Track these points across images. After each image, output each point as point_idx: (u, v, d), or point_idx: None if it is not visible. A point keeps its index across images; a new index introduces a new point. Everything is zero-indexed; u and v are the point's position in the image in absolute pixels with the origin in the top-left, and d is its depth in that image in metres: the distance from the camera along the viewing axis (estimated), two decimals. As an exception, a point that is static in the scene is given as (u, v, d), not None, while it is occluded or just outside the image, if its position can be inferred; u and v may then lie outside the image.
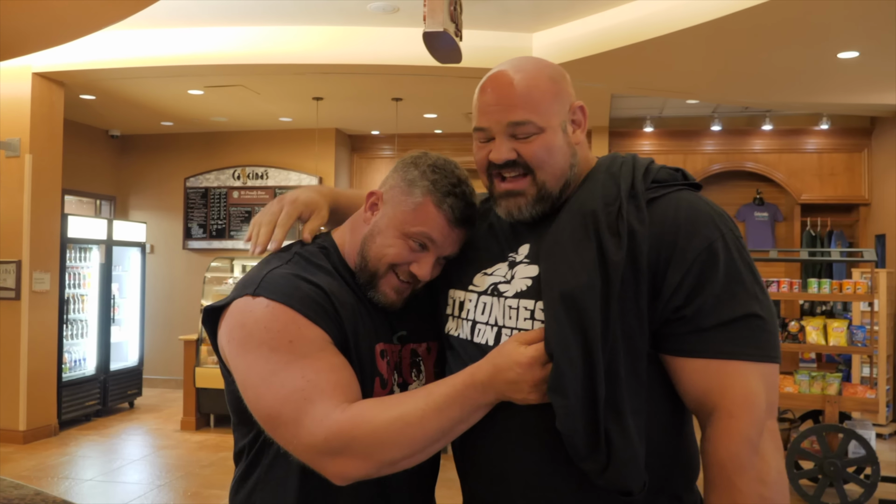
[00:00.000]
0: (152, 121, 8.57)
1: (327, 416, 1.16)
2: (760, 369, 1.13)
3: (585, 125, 1.30)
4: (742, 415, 1.11)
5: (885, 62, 5.85)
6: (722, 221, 1.18)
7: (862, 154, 8.53)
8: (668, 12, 5.14)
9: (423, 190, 1.34)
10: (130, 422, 7.33)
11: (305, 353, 1.22)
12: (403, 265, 1.34)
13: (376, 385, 1.32)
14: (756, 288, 1.15)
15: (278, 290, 1.26)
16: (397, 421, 1.16)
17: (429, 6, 4.57)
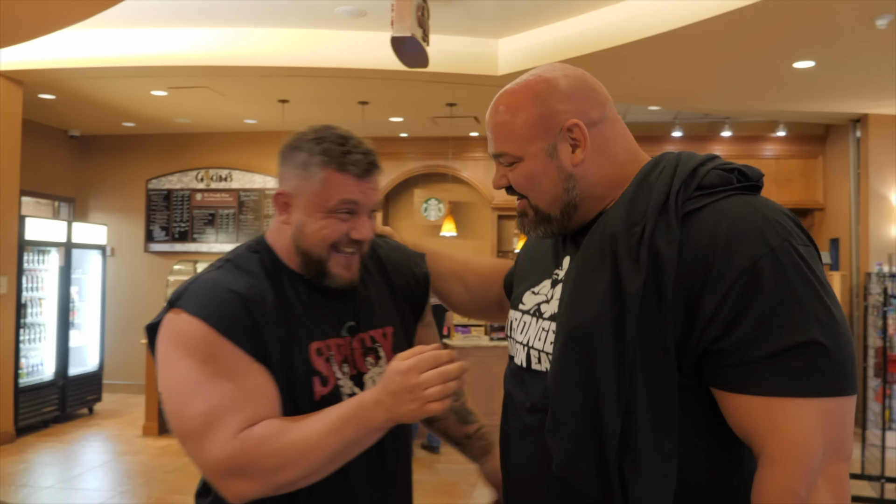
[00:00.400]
0: (113, 121, 8.45)
1: (228, 440, 1.19)
2: (816, 406, 0.97)
3: (587, 142, 1.18)
4: (787, 462, 0.97)
5: (839, 72, 6.03)
6: (774, 232, 1.02)
7: (817, 160, 8.76)
8: (630, 21, 5.25)
9: (319, 165, 1.33)
10: (90, 428, 7.21)
11: (217, 371, 1.24)
12: (342, 239, 1.35)
13: (316, 383, 1.33)
14: (817, 309, 0.98)
15: (198, 304, 1.27)
16: (297, 443, 1.19)
17: (397, 11, 4.60)
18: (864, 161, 7.63)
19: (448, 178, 9.36)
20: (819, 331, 0.97)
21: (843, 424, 0.99)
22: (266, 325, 1.30)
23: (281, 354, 1.30)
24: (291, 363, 1.31)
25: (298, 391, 1.31)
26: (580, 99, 1.19)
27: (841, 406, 0.98)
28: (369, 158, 1.36)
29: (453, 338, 7.05)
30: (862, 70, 5.97)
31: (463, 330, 7.17)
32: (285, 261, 1.41)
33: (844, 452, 1.00)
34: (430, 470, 5.79)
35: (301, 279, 1.40)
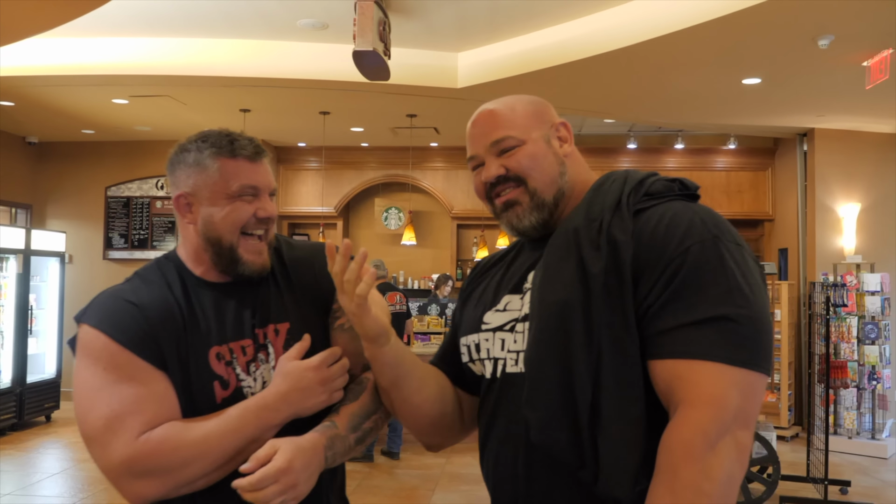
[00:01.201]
0: (73, 128, 8.41)
1: (129, 442, 1.25)
2: (732, 374, 1.07)
3: (572, 140, 1.36)
4: (703, 408, 1.06)
5: (785, 88, 6.29)
6: (707, 227, 1.16)
7: (766, 173, 9.06)
8: (586, 38, 5.43)
9: (210, 157, 1.40)
10: (48, 435, 7.16)
11: (118, 378, 1.29)
12: (249, 221, 1.40)
13: (216, 387, 1.36)
14: (734, 292, 1.10)
15: (98, 317, 1.35)
16: (197, 442, 1.27)
17: (358, 26, 4.72)
18: (811, 174, 7.93)
19: (408, 188, 9.47)
20: (733, 310, 1.09)
21: (751, 396, 1.09)
22: (163, 332, 1.35)
23: (179, 361, 1.35)
24: (189, 369, 1.36)
25: (199, 395, 1.35)
26: (553, 112, 1.38)
27: (750, 379, 1.08)
28: (254, 144, 1.44)
29: (413, 346, 7.16)
30: (806, 87, 6.24)
31: (423, 338, 7.28)
32: (192, 268, 1.45)
33: (750, 423, 1.09)
34: (390, 476, 5.88)
35: (206, 285, 1.44)
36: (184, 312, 1.39)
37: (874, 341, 6.96)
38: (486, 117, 1.35)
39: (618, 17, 5.25)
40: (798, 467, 6.16)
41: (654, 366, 1.12)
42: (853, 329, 6.99)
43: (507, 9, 5.29)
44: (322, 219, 9.24)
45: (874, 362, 6.93)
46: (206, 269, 1.45)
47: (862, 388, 6.98)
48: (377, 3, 4.78)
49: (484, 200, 1.38)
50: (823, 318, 5.71)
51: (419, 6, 5.22)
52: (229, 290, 1.45)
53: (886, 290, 7.05)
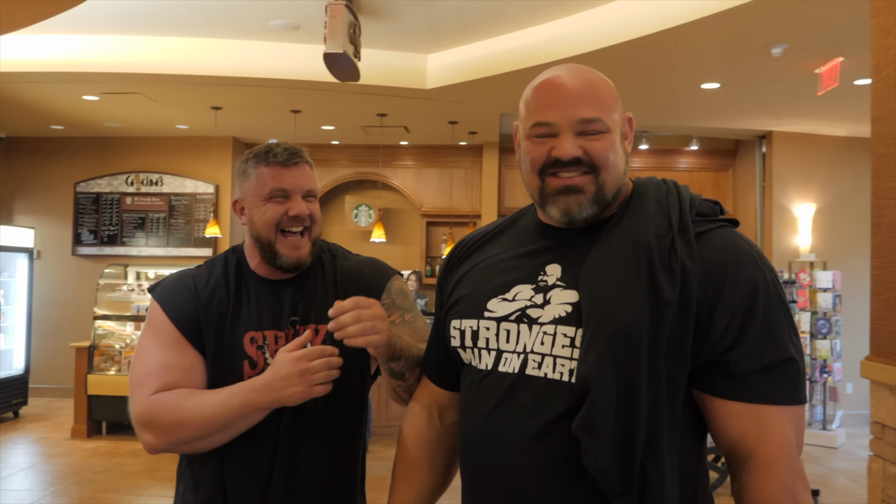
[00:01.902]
0: (42, 124, 8.40)
1: (145, 397, 1.51)
2: (793, 412, 1.13)
3: (632, 139, 1.30)
4: (779, 464, 1.10)
5: (743, 93, 6.53)
6: (763, 263, 1.17)
7: (727, 173, 9.33)
8: (550, 42, 5.60)
9: (252, 167, 1.63)
10: (16, 431, 7.17)
11: (160, 345, 1.57)
12: (282, 219, 1.60)
13: (245, 365, 1.58)
14: (791, 331, 1.15)
15: (161, 293, 1.65)
16: (191, 409, 1.48)
17: (329, 29, 4.84)
18: (769, 175, 8.20)
19: (378, 185, 9.59)
20: (793, 349, 1.13)
21: (804, 427, 1.17)
22: (207, 315, 1.60)
23: (216, 338, 1.59)
24: (224, 347, 1.59)
25: (230, 369, 1.57)
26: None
27: (803, 412, 1.16)
28: (290, 151, 1.63)
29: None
30: (763, 92, 6.48)
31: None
32: (249, 262, 1.69)
33: (801, 450, 1.17)
34: (359, 467, 6.02)
35: (257, 278, 1.67)
36: (231, 298, 1.64)
37: (826, 336, 7.24)
38: (575, 84, 1.23)
39: (581, 23, 5.43)
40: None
41: (722, 406, 1.14)
42: (803, 324, 7.26)
43: (475, 13, 5.44)
44: (292, 216, 9.34)
45: (825, 356, 7.21)
46: (258, 264, 1.68)
47: (814, 380, 7.26)
48: (348, 7, 4.90)
49: (532, 174, 1.27)
50: (776, 314, 5.95)
51: (389, 9, 5.35)
52: (276, 286, 1.66)
53: (838, 287, 7.33)
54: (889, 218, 3.06)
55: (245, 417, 1.48)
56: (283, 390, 1.44)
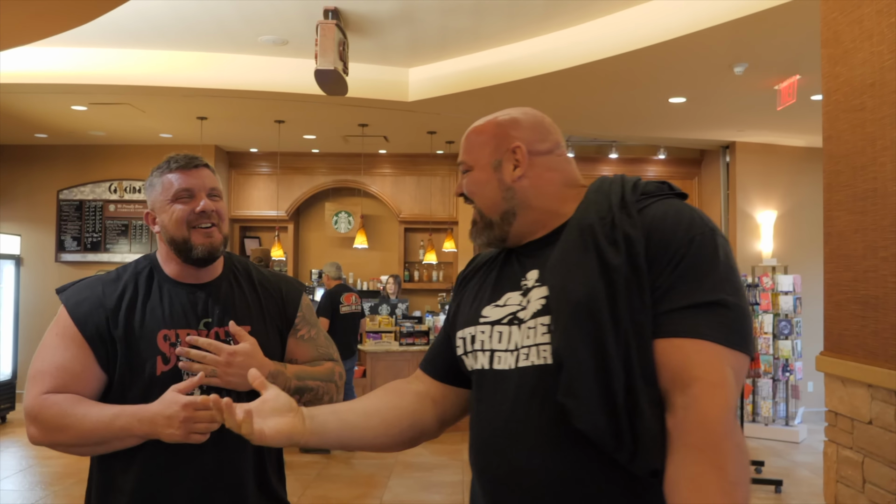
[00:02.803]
0: (25, 132, 8.52)
1: (36, 395, 1.64)
2: (728, 355, 1.17)
3: (525, 162, 1.39)
4: (723, 386, 1.14)
5: (708, 107, 6.90)
6: (705, 222, 1.26)
7: (693, 181, 9.73)
8: (527, 59, 5.91)
9: (157, 177, 1.78)
10: (6, 435, 7.30)
11: (60, 345, 1.68)
12: (190, 216, 1.72)
13: (159, 361, 1.68)
14: (728, 281, 1.20)
15: (69, 296, 1.74)
16: (75, 417, 1.60)
17: (320, 46, 5.10)
18: (733, 183, 8.60)
19: (358, 193, 9.84)
20: (729, 297, 1.19)
21: (741, 376, 1.19)
22: (115, 316, 1.70)
23: (126, 337, 1.69)
24: (139, 345, 1.69)
25: (144, 365, 1.68)
26: (531, 131, 1.42)
27: (741, 361, 1.18)
28: (189, 157, 1.78)
29: (365, 343, 7.54)
30: (726, 106, 6.86)
31: (374, 336, 7.66)
32: (163, 267, 1.80)
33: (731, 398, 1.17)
34: (347, 465, 6.26)
35: (171, 282, 1.79)
36: (140, 300, 1.74)
37: (787, 337, 7.64)
38: (465, 137, 1.48)
39: (556, 42, 5.74)
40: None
41: (661, 343, 1.19)
42: (766, 325, 7.66)
43: (455, 30, 5.73)
44: (274, 222, 9.55)
45: (787, 356, 7.61)
46: (173, 267, 1.80)
47: (777, 379, 7.65)
48: (338, 26, 5.16)
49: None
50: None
51: (374, 26, 5.61)
52: (190, 288, 1.81)
53: (798, 290, 7.74)
54: (839, 228, 3.41)
55: (122, 440, 1.62)
56: (163, 429, 1.57)
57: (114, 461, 1.68)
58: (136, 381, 1.69)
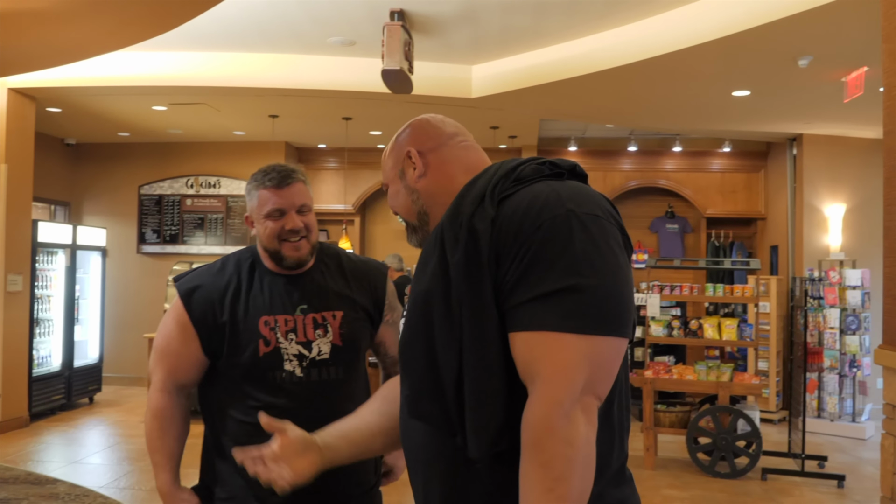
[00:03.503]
0: (110, 131, 9.01)
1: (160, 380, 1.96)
2: (578, 342, 1.12)
3: (419, 165, 1.45)
4: (556, 380, 1.11)
5: (772, 100, 6.86)
6: (562, 202, 1.20)
7: (759, 174, 9.64)
8: (588, 55, 6.00)
9: (254, 189, 1.97)
10: (94, 415, 7.79)
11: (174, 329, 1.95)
12: (281, 231, 1.92)
13: (261, 344, 1.91)
14: (583, 263, 1.15)
15: (183, 285, 1.97)
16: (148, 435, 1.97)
17: (387, 47, 5.30)
18: (800, 176, 8.50)
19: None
20: (578, 280, 1.13)
21: (601, 361, 1.14)
22: (222, 304, 1.94)
23: (231, 323, 1.92)
24: (242, 330, 1.92)
25: (247, 348, 1.90)
26: (419, 133, 1.49)
27: (598, 346, 1.13)
28: (283, 173, 1.95)
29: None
30: (791, 99, 6.81)
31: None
32: (263, 260, 2.01)
33: (600, 387, 1.15)
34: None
35: (269, 272, 1.99)
36: (243, 289, 1.97)
37: (855, 332, 7.55)
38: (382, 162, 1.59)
39: (618, 38, 5.82)
40: (784, 446, 6.75)
41: (511, 339, 1.18)
42: (830, 320, 7.58)
43: (517, 28, 5.86)
44: (342, 216, 9.85)
45: (855, 351, 7.52)
46: (270, 263, 2.02)
47: (843, 374, 7.57)
48: (403, 27, 5.36)
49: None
50: (803, 310, 6.30)
51: (438, 26, 5.79)
52: (287, 279, 2.02)
53: (867, 285, 7.63)
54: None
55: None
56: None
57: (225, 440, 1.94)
58: (239, 363, 1.92)
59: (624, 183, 9.78)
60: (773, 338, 8.12)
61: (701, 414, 5.93)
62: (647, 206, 9.98)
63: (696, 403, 6.56)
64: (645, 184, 9.80)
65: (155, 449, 1.95)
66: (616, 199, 9.83)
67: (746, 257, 9.56)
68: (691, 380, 6.14)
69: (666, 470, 6.06)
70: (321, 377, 1.96)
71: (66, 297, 7.93)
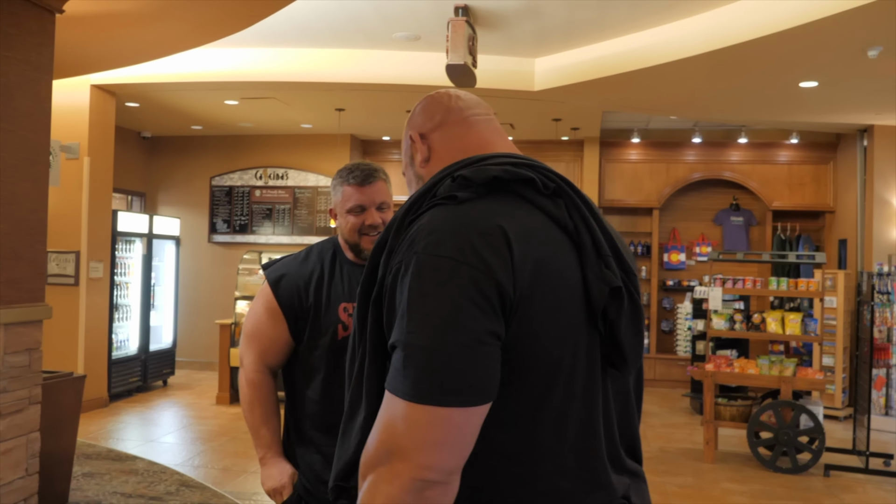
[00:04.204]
0: (183, 124, 9.38)
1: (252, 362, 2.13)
2: (397, 405, 1.01)
3: (422, 150, 1.34)
4: (374, 434, 1.03)
5: (841, 91, 6.74)
6: (414, 244, 1.07)
7: (828, 166, 9.43)
8: (652, 47, 6.00)
9: (339, 184, 2.12)
10: (168, 397, 8.17)
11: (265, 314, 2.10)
12: (361, 226, 2.07)
13: (339, 328, 2.04)
14: (406, 318, 1.03)
15: (271, 273, 2.14)
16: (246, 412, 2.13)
17: (451, 41, 5.42)
18: (870, 168, 8.31)
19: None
20: (402, 337, 1.02)
21: (415, 429, 0.99)
22: (307, 291, 2.09)
23: (314, 308, 2.07)
24: (324, 314, 2.06)
25: (328, 331, 2.05)
26: (420, 116, 1.37)
27: (413, 413, 0.99)
28: (366, 172, 2.09)
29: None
30: (861, 90, 6.67)
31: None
32: (343, 251, 2.17)
33: (413, 454, 0.99)
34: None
35: (348, 262, 2.14)
36: (326, 277, 2.12)
37: (926, 328, 7.36)
38: None
39: (681, 30, 5.81)
40: (848, 443, 6.66)
41: None
42: (900, 315, 7.41)
43: (580, 21, 5.90)
44: (404, 207, 10.03)
45: (925, 348, 7.34)
46: (350, 254, 2.16)
47: (913, 371, 7.40)
48: (468, 22, 5.47)
49: None
50: (870, 305, 6.19)
51: (501, 19, 5.88)
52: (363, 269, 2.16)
53: (940, 279, 7.43)
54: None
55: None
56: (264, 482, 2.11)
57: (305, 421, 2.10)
58: (320, 345, 2.08)
59: (688, 175, 9.69)
60: (840, 333, 7.97)
61: (763, 408, 5.90)
62: (711, 199, 9.87)
63: (757, 398, 6.52)
64: (709, 176, 9.69)
65: (260, 422, 2.09)
66: (680, 191, 9.76)
67: (813, 251, 9.39)
68: (753, 374, 6.11)
69: (725, 464, 6.06)
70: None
71: (143, 283, 8.30)
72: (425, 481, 0.99)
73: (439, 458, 0.99)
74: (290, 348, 2.12)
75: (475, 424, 1.02)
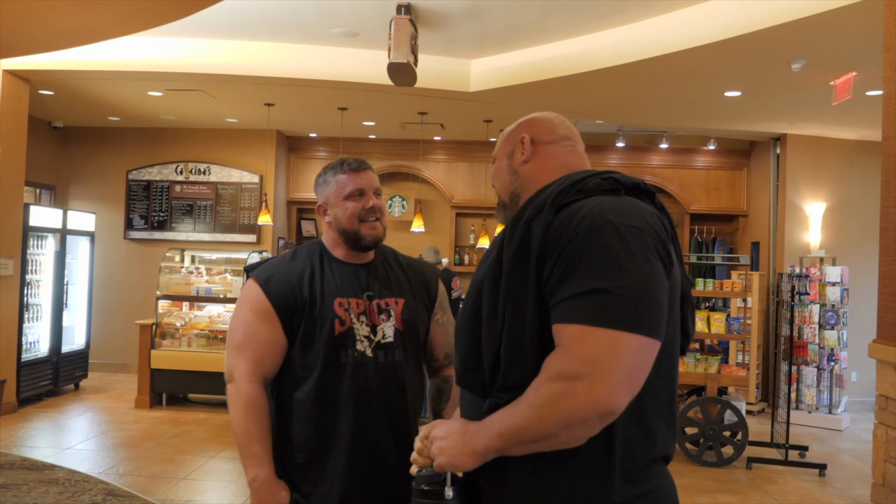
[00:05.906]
0: (100, 115, 8.95)
1: (245, 373, 1.99)
2: (597, 333, 1.23)
3: (528, 152, 1.60)
4: (559, 351, 1.27)
5: (763, 100, 7.04)
6: (604, 213, 1.32)
7: (742, 172, 9.85)
8: (589, 53, 6.11)
9: (331, 176, 2.13)
10: (82, 401, 7.77)
11: (255, 317, 2.01)
12: (361, 211, 2.08)
13: (336, 323, 2.02)
14: (614, 269, 1.26)
15: (261, 275, 2.07)
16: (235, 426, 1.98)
17: (394, 40, 5.36)
18: (783, 174, 8.72)
19: (410, 178, 10.13)
20: (608, 283, 1.25)
21: (618, 351, 1.23)
22: (300, 289, 2.04)
23: (311, 303, 2.03)
24: (320, 309, 2.03)
25: (324, 326, 2.01)
26: (539, 126, 1.64)
27: (618, 338, 1.22)
28: (359, 161, 2.14)
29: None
30: (781, 100, 6.99)
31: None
32: (331, 251, 2.15)
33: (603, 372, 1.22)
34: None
35: (338, 261, 2.13)
36: (317, 273, 2.09)
37: (833, 327, 7.79)
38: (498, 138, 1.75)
39: (617, 37, 5.93)
40: (764, 436, 6.98)
41: (553, 331, 1.31)
42: (814, 315, 7.81)
43: (521, 24, 5.94)
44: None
45: (833, 345, 7.76)
46: (341, 252, 2.15)
47: (822, 368, 7.81)
48: (411, 21, 5.42)
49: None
50: (788, 305, 6.50)
51: (442, 20, 5.85)
52: (354, 267, 2.16)
53: (846, 281, 7.87)
54: (895, 223, 3.60)
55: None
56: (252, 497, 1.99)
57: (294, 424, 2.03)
58: (317, 340, 2.02)
59: (610, 178, 9.92)
60: (755, 332, 8.32)
61: (689, 405, 6.11)
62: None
63: (683, 395, 6.74)
64: (631, 179, 9.93)
65: (254, 439, 1.97)
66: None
67: (728, 253, 9.79)
68: (680, 371, 6.31)
69: (655, 459, 6.22)
70: (386, 359, 2.07)
71: (55, 282, 7.88)
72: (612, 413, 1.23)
73: (637, 379, 1.25)
74: (284, 353, 2.05)
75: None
